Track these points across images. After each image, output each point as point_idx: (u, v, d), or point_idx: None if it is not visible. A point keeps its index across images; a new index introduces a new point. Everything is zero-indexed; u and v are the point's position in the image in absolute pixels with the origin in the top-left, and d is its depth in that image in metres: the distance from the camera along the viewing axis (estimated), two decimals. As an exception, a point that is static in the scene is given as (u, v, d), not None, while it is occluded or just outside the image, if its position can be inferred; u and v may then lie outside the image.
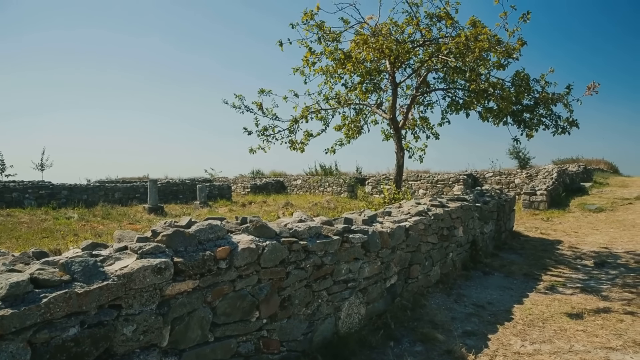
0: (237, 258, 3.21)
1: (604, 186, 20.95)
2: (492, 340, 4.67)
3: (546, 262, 8.16)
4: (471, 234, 7.80)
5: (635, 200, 16.15)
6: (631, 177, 26.61)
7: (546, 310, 5.56)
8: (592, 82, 8.75)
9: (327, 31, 9.42)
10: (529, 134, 9.68)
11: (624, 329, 4.87)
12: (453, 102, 10.51)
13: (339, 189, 23.61)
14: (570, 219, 13.41)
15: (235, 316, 3.27)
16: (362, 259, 4.60)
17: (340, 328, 4.34)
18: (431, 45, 9.51)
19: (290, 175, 29.54)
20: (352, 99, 10.90)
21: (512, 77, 9.36)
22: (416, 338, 4.62)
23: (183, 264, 2.86)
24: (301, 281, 3.83)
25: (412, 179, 22.55)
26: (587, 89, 8.81)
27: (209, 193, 21.25)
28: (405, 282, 5.55)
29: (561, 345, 4.50)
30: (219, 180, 29.12)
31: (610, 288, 6.49)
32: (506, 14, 8.54)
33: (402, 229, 5.35)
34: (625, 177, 27.17)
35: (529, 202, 15.41)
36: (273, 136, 10.53)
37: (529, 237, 10.80)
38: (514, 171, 22.14)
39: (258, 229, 3.60)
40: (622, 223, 12.27)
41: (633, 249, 9.11)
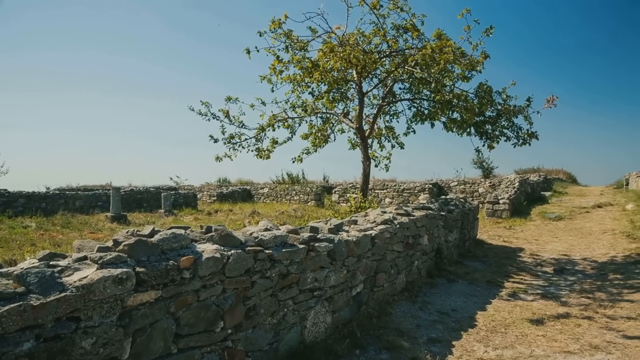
0: (201, 267, 3.17)
1: (563, 195, 21.61)
2: (456, 346, 4.73)
3: (508, 270, 8.34)
4: (436, 242, 7.91)
5: (592, 209, 16.70)
6: (588, 187, 27.55)
7: (508, 317, 5.67)
8: (551, 96, 9.06)
9: (295, 40, 9.45)
10: (490, 145, 9.91)
11: (581, 333, 5.02)
12: (418, 112, 10.69)
13: (306, 198, 23.61)
14: (531, 227, 13.76)
15: (199, 327, 3.21)
16: (328, 268, 4.60)
17: (306, 337, 4.32)
18: (397, 56, 9.66)
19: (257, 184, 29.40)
20: (319, 107, 10.95)
21: (475, 89, 9.60)
22: (382, 346, 4.64)
23: (145, 274, 2.80)
24: (267, 290, 3.80)
25: (379, 188, 22.74)
26: (547, 102, 9.11)
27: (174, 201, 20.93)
28: (371, 291, 5.58)
29: (522, 351, 4.60)
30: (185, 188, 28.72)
31: (569, 294, 6.68)
32: (470, 28, 8.77)
33: (368, 238, 5.38)
34: (583, 186, 28.11)
35: (492, 211, 15.74)
36: (240, 144, 10.47)
37: (492, 245, 11.02)
38: (478, 180, 22.59)
39: (223, 238, 3.56)
40: (580, 231, 12.66)
41: (590, 256, 9.40)
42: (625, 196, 19.70)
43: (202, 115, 9.97)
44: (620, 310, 5.81)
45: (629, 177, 23.57)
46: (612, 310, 5.79)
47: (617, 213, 15.37)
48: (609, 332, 5.03)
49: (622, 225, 12.71)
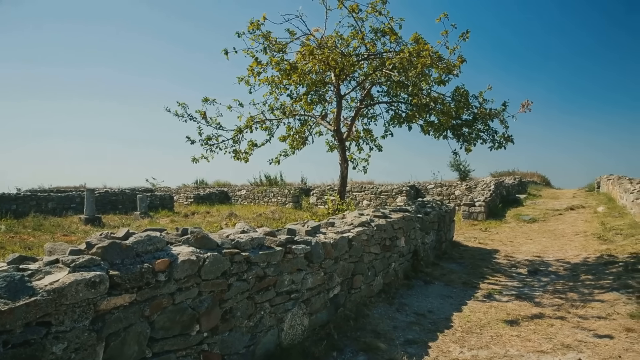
0: (176, 270, 3.13)
1: (537, 198, 22.00)
2: (432, 348, 4.77)
3: (484, 271, 8.45)
4: (413, 244, 7.96)
5: (565, 211, 17.04)
6: (561, 190, 28.11)
7: (483, 317, 5.74)
8: (525, 100, 9.22)
9: (274, 42, 9.42)
10: (467, 147, 10.03)
11: (554, 333, 5.12)
12: (396, 115, 10.76)
13: (284, 200, 23.55)
14: (506, 229, 13.96)
15: (174, 330, 3.17)
16: (305, 270, 4.60)
17: (283, 340, 4.30)
18: (375, 59, 9.71)
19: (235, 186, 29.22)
20: (297, 109, 10.94)
21: (452, 92, 9.70)
22: (359, 348, 4.65)
23: (119, 277, 2.75)
24: (243, 293, 3.78)
25: (357, 190, 22.82)
26: (522, 106, 9.27)
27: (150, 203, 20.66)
28: (348, 293, 5.59)
29: (497, 351, 4.66)
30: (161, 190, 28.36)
31: (542, 294, 6.79)
32: (447, 32, 8.86)
33: (345, 240, 5.39)
34: (556, 189, 28.67)
35: (468, 213, 15.93)
36: (217, 146, 10.40)
37: (468, 246, 11.14)
38: (454, 183, 22.84)
39: (199, 240, 3.52)
40: (553, 233, 12.90)
41: (563, 257, 9.58)
42: (597, 199, 20.17)
43: (179, 116, 9.88)
44: (592, 310, 5.93)
45: (600, 180, 24.12)
46: (583, 310, 5.92)
47: (589, 215, 15.71)
48: (580, 332, 5.13)
49: (594, 227, 12.99)
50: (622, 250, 9.59)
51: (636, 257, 8.53)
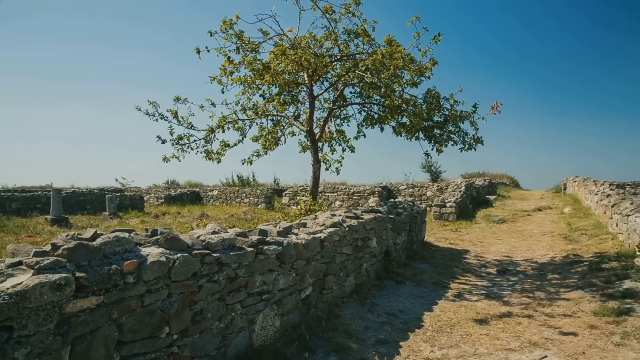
0: (145, 272, 3.08)
1: (507, 199, 22.43)
2: (403, 347, 4.81)
3: (454, 271, 8.57)
4: (385, 245, 8.02)
5: (533, 212, 17.42)
6: (530, 191, 28.74)
7: (454, 317, 5.82)
8: (495, 102, 9.40)
9: (246, 41, 9.36)
10: (438, 149, 10.16)
11: (521, 331, 5.23)
12: (368, 117, 10.83)
13: (257, 200, 23.44)
14: (476, 230, 14.19)
15: (143, 333, 3.12)
16: (276, 271, 4.58)
17: (254, 341, 4.28)
18: (348, 60, 9.75)
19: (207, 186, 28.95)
20: (269, 110, 10.89)
21: (424, 94, 9.83)
22: (331, 348, 4.66)
23: (86, 279, 2.69)
24: (214, 294, 3.74)
25: (329, 191, 22.88)
26: (491, 108, 9.45)
27: (119, 204, 20.26)
28: (320, 293, 5.59)
29: (467, 349, 4.73)
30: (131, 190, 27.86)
31: (511, 294, 6.93)
32: (419, 35, 8.96)
33: (317, 240, 5.40)
34: (525, 190, 29.30)
35: (439, 214, 16.13)
36: (188, 145, 10.29)
37: (439, 247, 11.28)
38: (426, 184, 23.11)
39: (169, 241, 3.47)
40: (522, 233, 13.17)
41: (531, 257, 9.79)
42: (563, 200, 20.69)
43: (150, 115, 9.73)
44: (558, 308, 6.08)
45: (566, 182, 24.74)
46: (550, 309, 6.06)
47: (556, 216, 16.10)
48: (547, 329, 5.26)
49: (560, 228, 13.32)
50: (587, 250, 9.85)
51: (600, 257, 8.78)
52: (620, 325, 5.21)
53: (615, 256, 8.53)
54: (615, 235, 10.39)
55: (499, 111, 9.41)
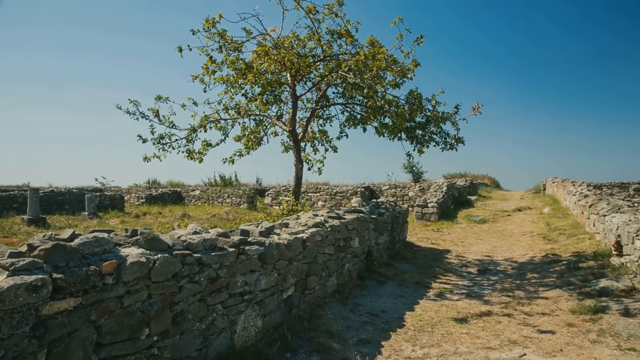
0: (125, 272, 3.04)
1: (488, 199, 22.67)
2: (385, 347, 4.83)
3: (436, 271, 8.62)
4: (367, 245, 8.04)
5: (513, 212, 17.63)
6: (510, 191, 29.08)
7: (435, 316, 5.87)
8: (476, 104, 9.52)
9: (229, 40, 9.31)
10: (420, 149, 10.23)
11: (501, 330, 5.29)
12: (351, 117, 10.85)
13: (239, 200, 23.32)
14: (458, 230, 14.31)
15: (122, 334, 3.07)
16: (258, 271, 4.56)
17: (236, 342, 4.25)
18: (331, 60, 9.76)
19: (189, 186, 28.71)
20: (252, 109, 10.85)
21: (406, 95, 9.89)
22: (313, 348, 4.65)
23: (63, 281, 2.64)
24: (195, 295, 3.71)
25: (312, 191, 22.87)
26: (472, 110, 9.56)
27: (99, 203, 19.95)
28: (302, 293, 5.58)
29: (448, 348, 4.77)
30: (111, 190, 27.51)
31: (491, 293, 7.01)
32: (402, 36, 9.02)
33: (299, 241, 5.39)
34: (505, 191, 29.63)
35: (421, 214, 16.22)
36: (170, 145, 10.20)
37: (421, 247, 11.35)
38: (408, 184, 23.23)
39: (149, 242, 3.43)
40: (502, 233, 13.32)
41: (510, 257, 9.91)
42: (543, 200, 20.98)
43: (130, 114, 9.63)
44: (537, 306, 6.17)
45: (546, 182, 25.09)
46: (529, 307, 6.14)
47: (535, 216, 16.32)
48: (526, 328, 5.33)
49: (540, 228, 13.51)
50: (565, 249, 10.00)
51: (578, 256, 8.92)
52: (596, 323, 5.31)
53: (592, 255, 8.68)
54: (593, 235, 10.57)
55: (480, 112, 9.53)
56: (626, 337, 4.84)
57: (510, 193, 27.54)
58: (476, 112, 9.51)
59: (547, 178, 24.86)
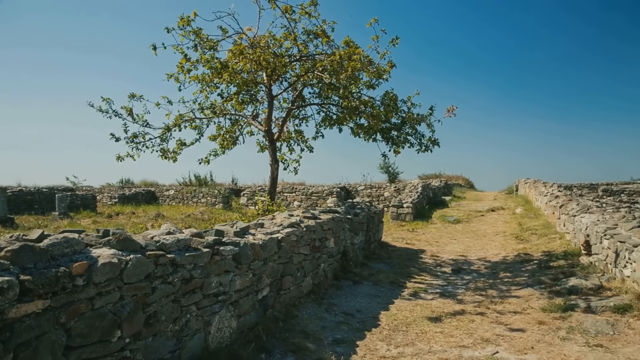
0: (96, 274, 2.98)
1: (462, 200, 22.97)
2: (360, 346, 4.85)
3: (411, 270, 8.70)
4: (342, 245, 8.06)
5: (486, 212, 17.90)
6: (484, 192, 29.53)
7: (409, 315, 5.92)
8: (451, 105, 9.63)
9: (205, 39, 9.23)
10: (396, 150, 10.30)
11: (474, 328, 5.37)
12: (327, 117, 10.86)
13: (214, 200, 23.13)
14: (432, 230, 14.46)
15: (93, 337, 3.01)
16: (233, 272, 4.53)
17: (210, 343, 4.21)
18: (307, 60, 9.76)
19: (163, 185, 28.35)
20: (227, 109, 10.77)
21: (382, 96, 9.95)
22: (288, 349, 4.64)
23: (31, 283, 2.58)
24: (168, 296, 3.66)
25: (288, 191, 22.83)
26: (447, 111, 9.67)
27: (70, 203, 19.53)
28: (277, 294, 5.56)
29: (422, 347, 4.82)
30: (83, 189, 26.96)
31: (465, 292, 7.10)
32: (378, 37, 9.07)
33: (274, 241, 5.37)
34: (479, 191, 30.08)
35: (396, 214, 16.33)
36: (143, 144, 10.05)
37: (396, 247, 11.43)
38: (383, 185, 23.37)
39: (121, 242, 3.38)
40: (476, 233, 13.52)
41: (484, 256, 10.06)
42: (515, 201, 21.36)
43: (103, 112, 9.46)
44: (509, 305, 6.28)
45: (518, 183, 25.55)
46: (501, 306, 6.25)
47: (508, 216, 16.61)
48: (498, 326, 5.43)
49: (512, 228, 13.74)
50: (536, 249, 10.20)
51: (549, 255, 9.11)
52: (566, 321, 5.43)
53: (562, 255, 8.88)
54: (563, 235, 10.80)
55: (454, 114, 9.64)
56: (594, 334, 4.96)
57: (484, 194, 27.96)
58: (451, 114, 9.63)
59: (520, 179, 25.31)
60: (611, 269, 6.83)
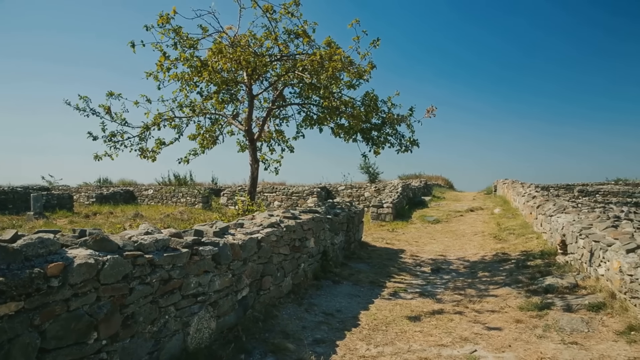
0: (72, 275, 2.93)
1: (441, 200, 23.18)
2: (340, 346, 4.86)
3: (390, 270, 8.74)
4: (322, 245, 8.06)
5: (465, 212, 18.09)
6: (463, 192, 29.85)
7: (389, 315, 5.95)
8: (430, 106, 9.69)
9: (184, 37, 9.16)
10: (376, 150, 10.34)
11: (453, 327, 5.42)
12: (307, 117, 10.84)
13: (194, 200, 22.94)
14: (412, 230, 14.55)
15: (69, 339, 2.96)
16: (212, 272, 4.50)
17: (189, 344, 4.18)
18: (288, 60, 9.74)
19: (142, 185, 28.03)
20: (207, 108, 10.69)
21: (362, 97, 9.97)
22: (267, 349, 4.63)
23: (4, 284, 2.52)
24: (146, 297, 3.62)
25: (268, 191, 22.75)
26: (427, 112, 9.73)
27: (46, 203, 19.18)
28: (257, 294, 5.54)
29: (401, 346, 4.85)
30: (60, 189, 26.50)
31: (444, 291, 7.16)
32: (359, 38, 9.09)
33: (254, 241, 5.35)
34: (458, 192, 30.41)
35: (376, 214, 16.40)
36: (122, 143, 9.92)
37: (376, 247, 11.47)
38: (364, 185, 23.44)
39: (98, 243, 3.32)
40: (455, 233, 13.64)
41: (463, 256, 10.16)
42: (494, 201, 21.63)
43: (80, 110, 9.31)
44: (487, 304, 6.35)
45: (497, 184, 25.88)
46: (479, 305, 6.32)
47: (487, 216, 16.80)
48: (476, 325, 5.49)
49: (491, 228, 13.91)
50: (514, 248, 10.34)
51: (526, 255, 9.24)
52: (542, 319, 5.52)
53: (539, 254, 9.01)
54: (540, 235, 10.97)
55: (434, 115, 9.71)
56: (569, 331, 5.05)
57: (463, 194, 28.26)
58: (430, 115, 9.70)
59: (499, 179, 25.64)
60: (586, 267, 6.96)
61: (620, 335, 4.81)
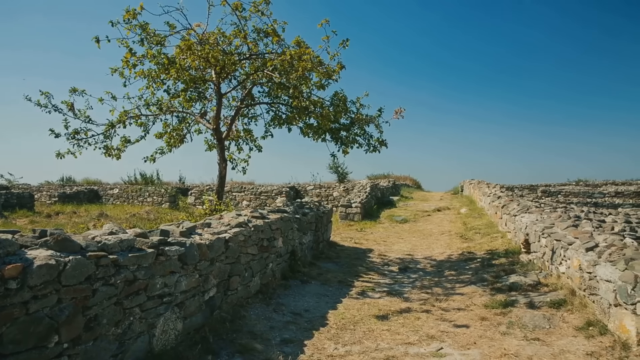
0: (31, 276, 2.84)
1: (409, 200, 23.45)
2: (308, 346, 4.87)
3: (359, 270, 8.79)
4: (290, 245, 8.04)
5: (433, 212, 18.34)
6: (431, 192, 30.29)
7: (357, 314, 5.98)
8: (399, 107, 9.78)
9: (152, 33, 8.99)
10: (344, 150, 10.37)
11: (420, 325, 5.51)
12: (276, 117, 10.80)
13: (160, 200, 22.58)
14: (380, 229, 14.66)
15: (28, 343, 2.87)
16: (179, 272, 4.43)
17: (155, 346, 4.10)
18: (257, 59, 9.68)
19: (107, 184, 27.45)
20: (175, 106, 10.52)
21: (331, 97, 9.99)
22: (235, 350, 4.59)
23: (-41, 286, 2.43)
24: (110, 298, 3.54)
25: (237, 191, 22.57)
26: (395, 113, 9.81)
27: (5, 202, 18.55)
28: (224, 294, 5.49)
29: (369, 345, 4.89)
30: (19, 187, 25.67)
31: (411, 290, 7.25)
32: (328, 38, 9.07)
33: (221, 241, 5.30)
34: (426, 192, 30.84)
35: (345, 214, 16.46)
36: (85, 140, 9.66)
37: (345, 246, 11.52)
38: (333, 185, 23.50)
39: (59, 243, 3.23)
40: (422, 232, 13.82)
41: (430, 255, 10.30)
42: (461, 201, 22.01)
43: (42, 106, 9.01)
44: (453, 302, 6.46)
45: (463, 184, 26.34)
46: (446, 303, 6.42)
47: (454, 216, 17.08)
48: (443, 323, 5.58)
49: (457, 227, 14.14)
50: (480, 247, 10.54)
51: (491, 254, 9.43)
52: (506, 316, 5.65)
53: (504, 253, 9.22)
54: (505, 234, 11.22)
55: (402, 116, 9.80)
56: (532, 328, 5.19)
57: (431, 194, 28.66)
58: (399, 116, 9.79)
59: (465, 180, 26.09)
60: (548, 265, 7.15)
61: (579, 331, 4.96)
